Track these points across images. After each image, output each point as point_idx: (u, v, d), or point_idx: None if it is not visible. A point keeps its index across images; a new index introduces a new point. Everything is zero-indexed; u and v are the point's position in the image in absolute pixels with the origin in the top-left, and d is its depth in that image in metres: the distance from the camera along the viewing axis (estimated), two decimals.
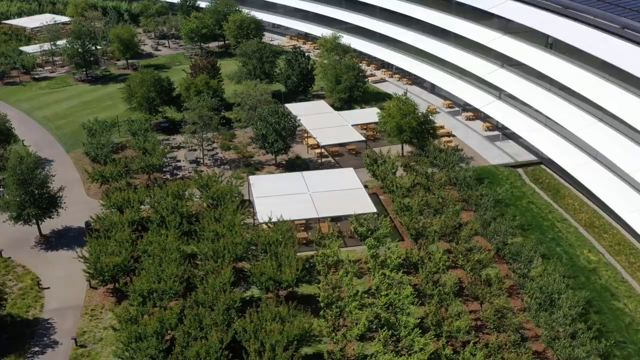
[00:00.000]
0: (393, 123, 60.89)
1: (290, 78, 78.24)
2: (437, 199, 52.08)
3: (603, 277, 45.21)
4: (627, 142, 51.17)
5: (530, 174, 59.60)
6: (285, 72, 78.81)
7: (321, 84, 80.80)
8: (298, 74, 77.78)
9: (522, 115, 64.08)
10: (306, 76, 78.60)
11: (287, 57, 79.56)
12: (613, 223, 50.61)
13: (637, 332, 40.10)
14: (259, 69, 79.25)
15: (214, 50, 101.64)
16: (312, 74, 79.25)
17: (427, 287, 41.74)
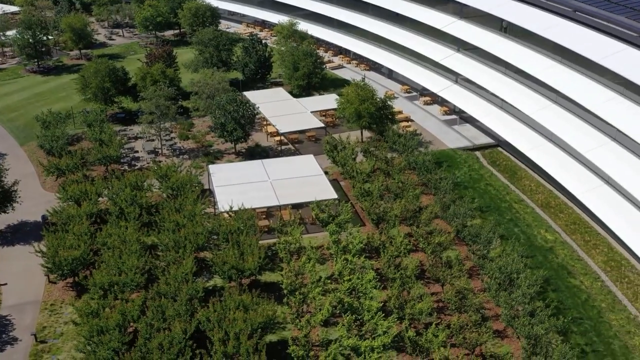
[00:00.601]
0: (352, 109, 61.06)
1: (247, 66, 77.70)
2: (397, 184, 52.52)
3: (560, 256, 46.23)
4: (580, 123, 52.26)
5: (487, 157, 60.48)
6: (243, 60, 78.23)
7: (279, 71, 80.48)
8: (256, 62, 77.29)
9: (478, 98, 64.88)
10: (264, 64, 78.15)
11: (244, 45, 78.97)
12: (568, 203, 51.74)
13: (593, 308, 41.17)
14: (216, 57, 78.47)
15: (169, 38, 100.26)
16: (269, 61, 78.82)
17: (389, 271, 42.13)
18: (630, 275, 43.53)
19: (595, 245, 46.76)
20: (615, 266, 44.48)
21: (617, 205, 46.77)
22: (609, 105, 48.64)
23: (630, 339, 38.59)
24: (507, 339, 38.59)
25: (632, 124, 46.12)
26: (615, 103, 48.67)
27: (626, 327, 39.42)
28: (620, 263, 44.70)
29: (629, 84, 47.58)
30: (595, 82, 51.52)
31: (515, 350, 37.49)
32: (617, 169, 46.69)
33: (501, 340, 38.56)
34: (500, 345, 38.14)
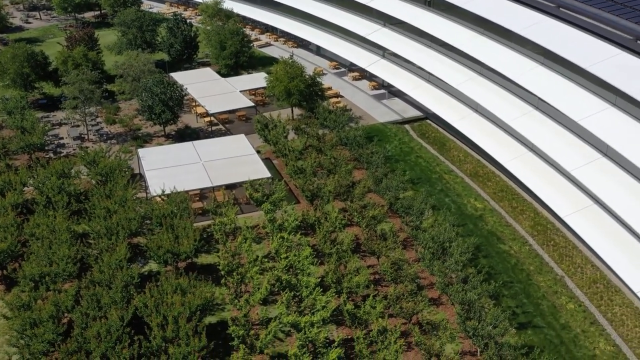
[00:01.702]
0: (281, 87, 60.87)
1: (173, 46, 76.20)
2: (330, 160, 52.85)
3: (489, 223, 47.65)
4: (505, 93, 53.68)
5: (417, 130, 61.49)
6: (168, 41, 76.65)
7: (206, 51, 79.31)
8: (181, 42, 75.86)
9: (406, 72, 65.70)
10: (190, 44, 76.79)
11: (169, 25, 77.31)
12: (496, 171, 53.27)
13: (522, 271, 42.72)
14: (140, 38, 76.63)
15: (90, 20, 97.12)
16: (195, 41, 77.50)
17: (325, 246, 42.53)
18: (556, 238, 45.31)
19: (522, 211, 48.41)
20: (541, 230, 46.19)
21: (542, 171, 48.45)
22: (530, 75, 50.14)
23: (557, 298, 40.28)
24: (442, 306, 39.67)
25: (552, 92, 47.70)
26: (536, 72, 50.20)
27: (553, 288, 41.11)
28: (546, 227, 46.45)
29: (548, 54, 49.10)
30: (517, 53, 52.94)
31: (450, 317, 38.60)
32: (541, 136, 48.28)
33: (436, 307, 39.61)
34: (435, 312, 39.18)
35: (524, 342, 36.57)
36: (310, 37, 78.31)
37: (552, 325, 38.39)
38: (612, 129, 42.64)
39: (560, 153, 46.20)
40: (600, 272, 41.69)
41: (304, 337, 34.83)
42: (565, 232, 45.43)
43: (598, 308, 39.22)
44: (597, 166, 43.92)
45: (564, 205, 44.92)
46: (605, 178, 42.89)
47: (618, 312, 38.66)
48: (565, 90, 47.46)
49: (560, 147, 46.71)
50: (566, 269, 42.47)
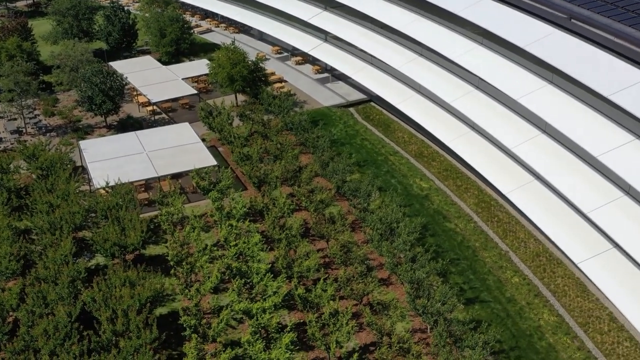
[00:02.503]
0: (224, 73, 60.32)
1: (111, 35, 74.56)
2: (276, 145, 52.76)
3: (435, 202, 48.46)
4: (446, 74, 54.42)
5: (361, 112, 61.87)
6: (105, 29, 74.94)
7: (145, 39, 77.86)
8: (119, 30, 74.29)
9: (348, 55, 65.89)
10: (128, 32, 75.28)
11: (106, 13, 75.54)
12: (440, 151, 54.11)
13: (468, 248, 43.66)
14: (76, 27, 74.67)
15: (22, 9, 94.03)
16: (134, 28, 76.01)
17: (274, 232, 42.57)
18: (500, 214, 46.42)
19: (467, 189, 49.39)
20: (485, 207, 47.25)
21: (484, 150, 49.43)
22: (470, 55, 50.92)
23: (502, 273, 41.36)
24: (392, 286, 40.27)
25: (492, 72, 48.60)
26: (476, 53, 51.01)
27: (498, 263, 42.18)
28: (490, 204, 47.52)
29: (487, 34, 49.93)
30: (457, 34, 53.65)
31: (400, 296, 39.23)
32: (482, 115, 49.19)
33: (386, 287, 40.18)
34: (386, 292, 39.75)
35: (472, 317, 37.46)
36: (252, 22, 77.67)
37: (498, 299, 39.43)
38: (550, 106, 43.77)
39: (501, 131, 47.21)
40: (542, 246, 42.94)
41: (256, 324, 34.92)
42: (509, 208, 46.58)
43: (541, 280, 40.44)
44: (536, 143, 45.07)
45: (506, 182, 46.02)
46: (544, 154, 44.06)
47: (560, 284, 39.96)
48: (504, 70, 48.42)
49: (500, 125, 47.72)
50: (510, 244, 43.59)
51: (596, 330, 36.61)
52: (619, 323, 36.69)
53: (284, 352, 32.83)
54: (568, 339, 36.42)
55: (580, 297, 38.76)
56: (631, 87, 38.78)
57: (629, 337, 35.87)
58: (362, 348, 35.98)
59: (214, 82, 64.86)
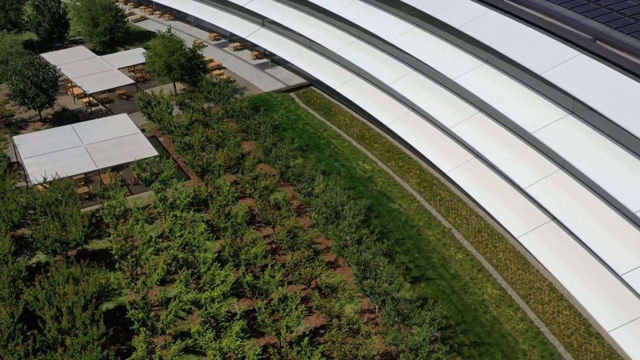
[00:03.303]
0: (161, 62, 59.36)
1: (41, 25, 72.29)
2: (217, 133, 52.35)
3: (378, 184, 49.01)
4: (384, 56, 54.87)
5: (302, 97, 61.88)
6: (35, 19, 72.59)
7: (77, 29, 75.81)
8: (50, 20, 72.07)
9: (287, 40, 65.68)
10: (59, 21, 73.10)
11: (35, 3, 73.06)
12: (381, 133, 54.67)
13: (412, 227, 44.38)
14: (3, 18, 72.09)
15: None
16: (65, 18, 73.84)
17: (219, 220, 42.35)
18: (442, 193, 47.30)
19: (409, 170, 50.10)
20: (427, 186, 48.06)
21: (424, 130, 50.16)
22: (407, 37, 51.44)
23: (446, 250, 42.25)
24: (340, 268, 40.67)
25: (429, 53, 49.25)
26: (413, 34, 51.56)
27: (442, 241, 43.05)
28: (432, 183, 48.35)
29: (423, 16, 50.50)
30: (394, 16, 54.10)
31: (347, 278, 39.67)
32: (420, 96, 49.86)
33: (334, 270, 40.55)
34: (333, 275, 40.13)
35: (419, 295, 38.22)
36: (187, 9, 76.51)
37: (443, 276, 40.29)
38: (486, 85, 44.68)
39: (440, 112, 47.98)
40: (484, 222, 44.01)
41: (205, 313, 34.79)
42: (450, 187, 47.50)
43: (484, 255, 41.51)
44: (474, 122, 46.00)
45: (447, 161, 46.87)
46: (482, 133, 45.02)
47: (502, 258, 41.08)
48: (441, 50, 49.12)
49: (439, 105, 48.49)
50: (453, 222, 44.52)
51: (537, 301, 37.85)
52: (558, 293, 38.02)
53: (234, 340, 32.85)
54: (511, 310, 37.54)
55: (521, 270, 39.96)
56: (563, 65, 39.95)
57: (568, 305, 37.21)
58: (312, 331, 36.30)
59: (151, 71, 63.73)
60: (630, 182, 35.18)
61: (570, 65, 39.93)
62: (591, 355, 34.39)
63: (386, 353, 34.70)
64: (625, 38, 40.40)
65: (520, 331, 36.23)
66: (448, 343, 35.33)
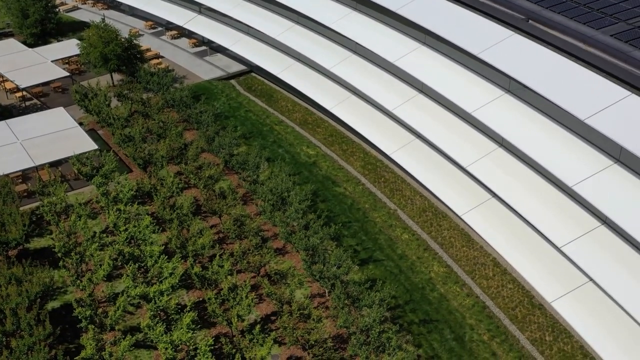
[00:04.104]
0: (97, 53, 57.98)
1: None
2: (158, 124, 51.61)
3: (323, 168, 49.24)
4: (324, 41, 54.89)
5: (243, 84, 61.46)
6: None
7: (6, 20, 73.23)
8: None
9: (225, 27, 64.95)
10: None
11: None
12: (324, 117, 54.84)
13: (358, 210, 44.83)
14: None
15: None
16: None
17: (165, 212, 41.90)
18: (386, 174, 47.88)
19: (353, 153, 50.49)
20: (371, 169, 48.56)
21: (366, 113, 50.54)
22: (345, 21, 51.57)
23: (392, 231, 42.87)
24: (288, 255, 40.83)
25: (368, 36, 49.54)
26: (350, 18, 51.70)
27: (388, 222, 43.65)
28: (376, 165, 48.88)
29: None
30: (332, 0, 54.06)
31: (296, 263, 39.87)
32: (361, 80, 50.16)
33: (282, 257, 40.69)
34: (282, 261, 40.27)
35: (367, 277, 38.75)
36: None
37: (390, 256, 40.91)
38: (425, 67, 45.27)
39: (381, 94, 48.40)
40: (428, 201, 44.79)
41: (154, 307, 34.50)
42: (394, 168, 48.11)
43: (429, 234, 42.30)
44: (414, 103, 46.60)
45: (390, 143, 47.40)
46: (422, 113, 45.66)
47: (447, 236, 41.96)
48: (379, 34, 49.45)
49: (379, 88, 48.88)
50: (398, 203, 45.17)
51: (482, 276, 38.86)
52: (502, 267, 39.10)
53: (185, 332, 32.70)
54: (457, 287, 38.44)
55: (466, 247, 40.91)
56: (498, 45, 40.81)
57: (511, 279, 38.33)
58: (263, 319, 36.42)
59: (86, 63, 62.18)
60: (565, 157, 36.32)
61: (504, 45, 40.82)
62: (535, 326, 35.57)
63: (338, 336, 35.12)
64: (556, 17, 41.63)
65: (466, 306, 37.16)
66: (398, 322, 36.01)
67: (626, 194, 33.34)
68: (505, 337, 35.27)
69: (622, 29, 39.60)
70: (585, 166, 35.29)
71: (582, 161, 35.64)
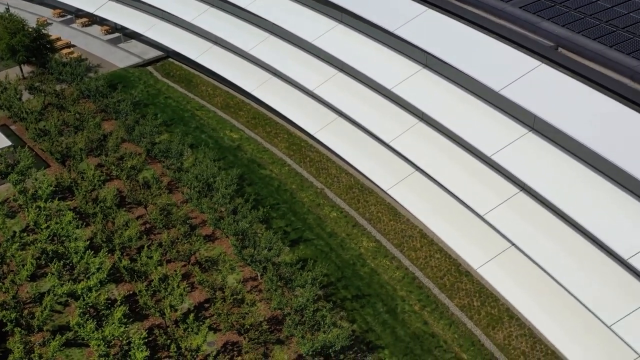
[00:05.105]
0: (3, 45, 55.53)
1: None
2: (74, 116, 50.06)
3: (248, 152, 49.00)
4: (241, 22, 54.29)
5: (161, 70, 60.20)
6: None
7: None
8: None
9: (138, 12, 63.27)
10: None
11: None
12: (246, 100, 54.45)
13: (285, 191, 44.94)
14: None
15: None
16: None
17: (87, 206, 40.85)
18: (311, 154, 48.10)
19: (277, 134, 50.43)
20: (296, 149, 48.67)
21: (288, 94, 50.49)
22: (262, 2, 51.13)
23: (320, 210, 43.22)
24: (218, 241, 40.59)
25: (284, 17, 49.32)
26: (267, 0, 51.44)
27: (316, 201, 43.96)
28: (301, 146, 49.01)
29: None
30: None
31: (227, 249, 39.71)
32: (281, 60, 49.96)
33: (212, 243, 40.43)
34: (212, 248, 40.02)
35: (299, 257, 39.01)
36: None
37: (320, 235, 41.27)
38: (342, 45, 45.50)
39: (301, 74, 48.40)
40: (354, 178, 45.32)
41: (83, 304, 33.74)
42: (319, 148, 48.36)
43: (357, 211, 42.87)
44: (335, 82, 46.84)
45: (313, 122, 47.58)
46: (344, 92, 45.96)
47: (374, 211, 42.64)
48: (296, 14, 49.31)
49: (299, 68, 48.86)
50: (324, 181, 45.52)
51: (410, 248, 39.77)
52: (429, 238, 40.11)
53: (117, 327, 32.15)
54: (387, 260, 39.22)
55: (393, 221, 41.71)
56: (413, 20, 41.44)
57: (438, 249, 39.39)
58: (197, 307, 36.16)
59: None
60: (483, 128, 37.41)
61: (419, 20, 41.49)
62: (463, 293, 36.76)
63: (273, 318, 35.30)
64: None
65: (397, 279, 37.99)
66: (331, 300, 36.48)
67: (541, 160, 34.70)
68: (435, 305, 36.30)
69: (529, 0, 40.90)
70: (502, 136, 36.47)
71: (499, 131, 36.81)
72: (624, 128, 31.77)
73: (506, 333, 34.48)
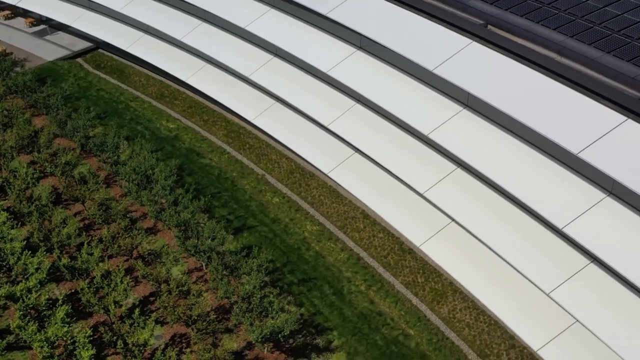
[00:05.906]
0: None
1: None
2: (2, 113, 48.36)
3: (186, 141, 48.39)
4: (172, 11, 53.25)
5: (91, 62, 58.67)
6: None
7: None
8: None
9: (64, 3, 61.33)
10: None
11: None
12: (180, 89, 53.67)
13: (226, 179, 44.64)
14: None
15: None
16: None
17: (22, 206, 39.66)
18: (250, 141, 47.86)
19: (214, 122, 49.94)
20: (235, 137, 48.34)
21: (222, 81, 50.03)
22: None
23: (263, 196, 43.14)
24: (160, 233, 40.06)
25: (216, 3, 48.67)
26: None
27: (258, 187, 43.84)
28: (239, 133, 48.69)
29: None
30: None
31: (169, 241, 39.25)
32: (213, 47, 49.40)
33: (154, 235, 39.89)
34: (155, 240, 39.50)
35: (243, 245, 38.89)
36: None
37: (263, 222, 41.23)
38: (277, 30, 45.27)
39: (236, 61, 47.96)
40: (294, 163, 45.36)
41: (23, 306, 32.83)
42: (258, 134, 48.15)
43: (299, 195, 42.98)
44: (270, 67, 46.62)
45: (250, 109, 47.32)
46: (280, 77, 45.82)
47: (316, 195, 42.83)
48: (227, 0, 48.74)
49: (234, 55, 48.41)
50: (265, 167, 45.41)
51: (354, 229, 40.15)
52: (371, 219, 40.57)
53: (60, 327, 31.46)
54: (331, 243, 39.51)
55: (336, 203, 42.00)
56: (344, 4, 41.53)
57: (381, 229, 39.91)
58: (142, 301, 35.70)
59: None
60: (419, 107, 37.93)
61: (351, 2, 41.60)
62: (407, 270, 37.40)
63: (220, 307, 35.16)
64: None
65: (342, 260, 38.35)
66: (278, 285, 36.58)
67: (476, 136, 35.47)
68: (381, 284, 36.83)
69: None
70: (438, 114, 37.07)
71: (435, 109, 37.39)
72: (552, 101, 32.75)
73: (450, 307, 35.30)
